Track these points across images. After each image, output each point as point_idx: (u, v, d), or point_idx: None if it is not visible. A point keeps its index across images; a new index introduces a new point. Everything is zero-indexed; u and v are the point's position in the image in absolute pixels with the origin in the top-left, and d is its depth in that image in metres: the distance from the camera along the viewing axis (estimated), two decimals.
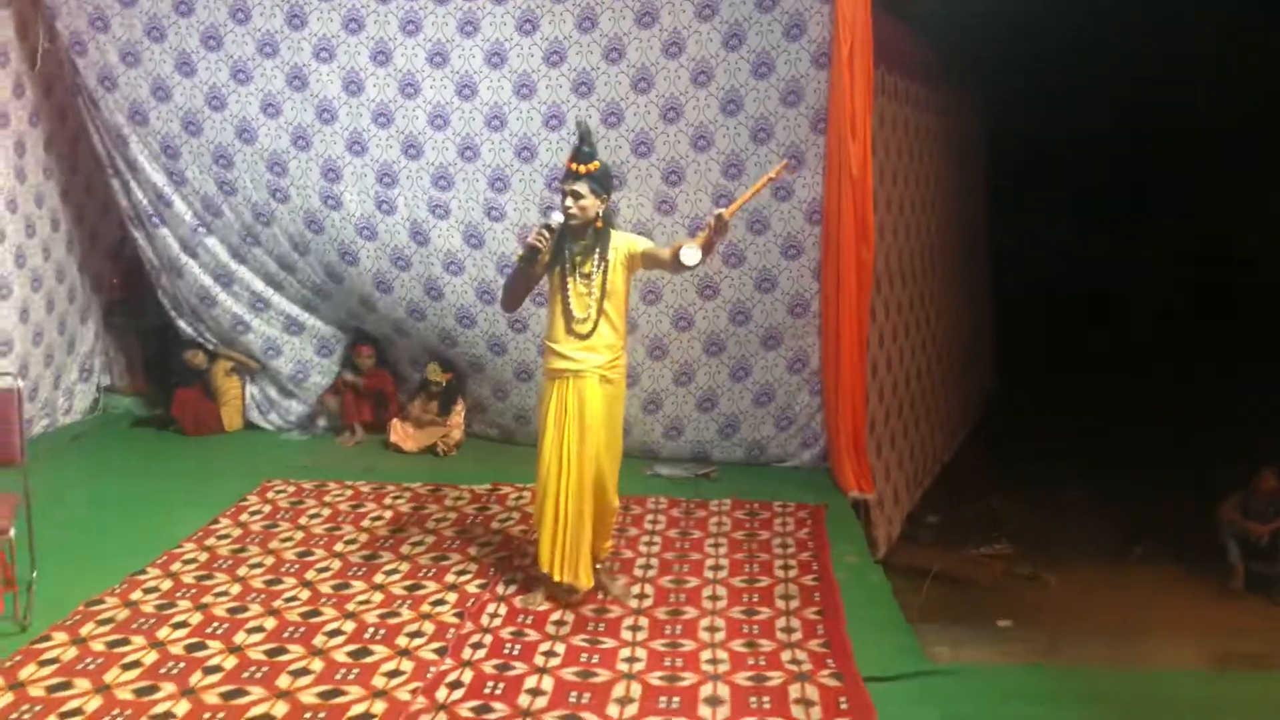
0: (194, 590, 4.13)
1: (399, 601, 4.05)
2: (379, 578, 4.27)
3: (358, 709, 3.30)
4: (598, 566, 4.11)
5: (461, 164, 5.63)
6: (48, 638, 3.71)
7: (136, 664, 3.55)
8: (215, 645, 3.68)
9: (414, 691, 3.40)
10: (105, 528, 4.78)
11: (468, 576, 4.28)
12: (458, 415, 6.03)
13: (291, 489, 5.32)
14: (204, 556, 4.47)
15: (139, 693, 3.38)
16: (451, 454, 5.94)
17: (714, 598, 4.14)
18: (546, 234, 3.73)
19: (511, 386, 6.01)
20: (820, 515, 4.98)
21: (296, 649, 3.67)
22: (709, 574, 4.36)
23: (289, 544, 4.62)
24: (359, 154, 5.69)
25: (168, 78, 5.68)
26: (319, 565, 4.39)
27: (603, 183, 3.82)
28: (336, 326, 6.36)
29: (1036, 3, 6.65)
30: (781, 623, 3.91)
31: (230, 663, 3.57)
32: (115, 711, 3.26)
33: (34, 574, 3.89)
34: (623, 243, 3.91)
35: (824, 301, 5.39)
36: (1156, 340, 9.66)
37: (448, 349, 6.06)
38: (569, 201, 3.78)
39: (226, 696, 3.36)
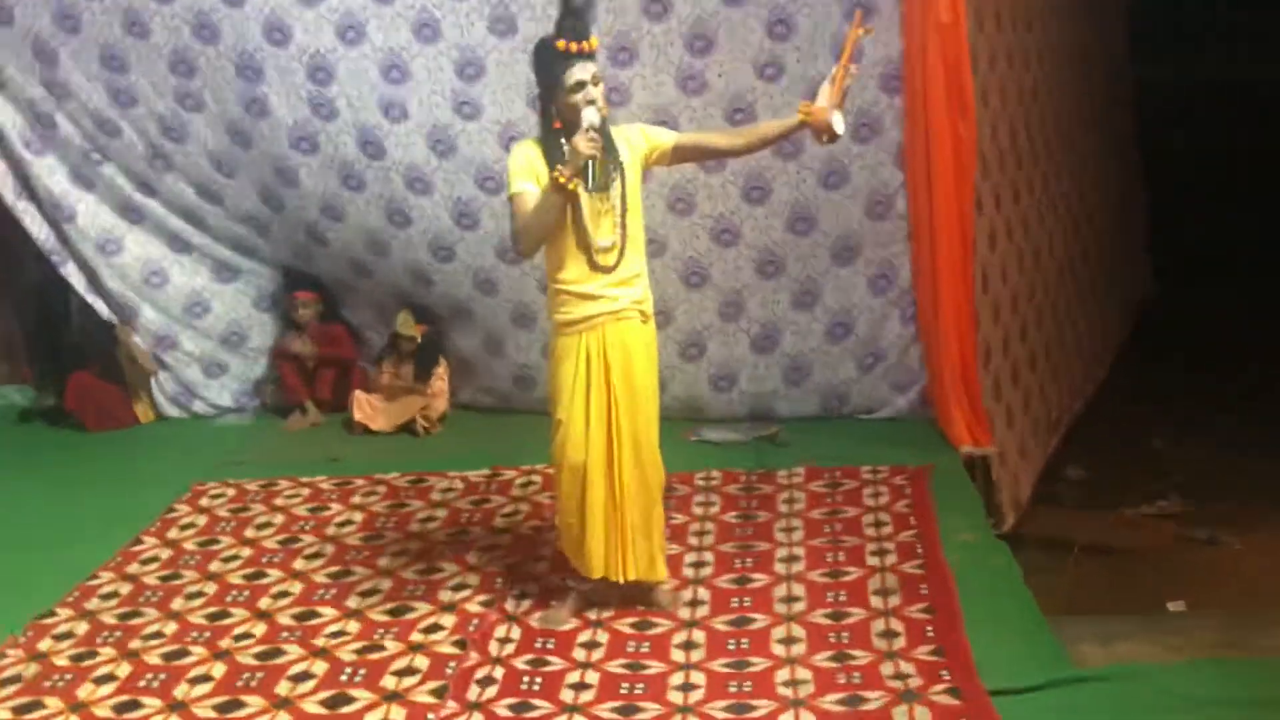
0: (118, 633, 4.24)
1: (381, 631, 4.14)
2: (354, 601, 4.37)
3: None
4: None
5: (419, 46, 5.66)
6: None
7: None
8: (152, 703, 3.78)
9: None
10: None
11: (467, 592, 4.38)
12: (440, 380, 6.13)
13: (232, 492, 5.44)
14: (127, 588, 4.59)
15: None
16: (435, 431, 6.06)
17: (789, 599, 4.21)
18: (595, 136, 3.71)
19: (507, 335, 6.11)
20: (923, 480, 5.04)
21: (255, 701, 3.76)
22: (780, 568, 4.43)
23: (234, 564, 4.74)
24: (280, 43, 5.73)
25: None
26: (275, 590, 4.51)
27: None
28: (280, 270, 6.53)
29: None
30: (879, 626, 3.97)
31: None
32: None
33: None
34: (637, 137, 3.95)
35: (911, 196, 5.41)
36: None
37: (422, 292, 6.16)
38: (594, 92, 3.76)
39: None
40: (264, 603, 4.40)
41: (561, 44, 3.78)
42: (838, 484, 5.09)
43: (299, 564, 4.71)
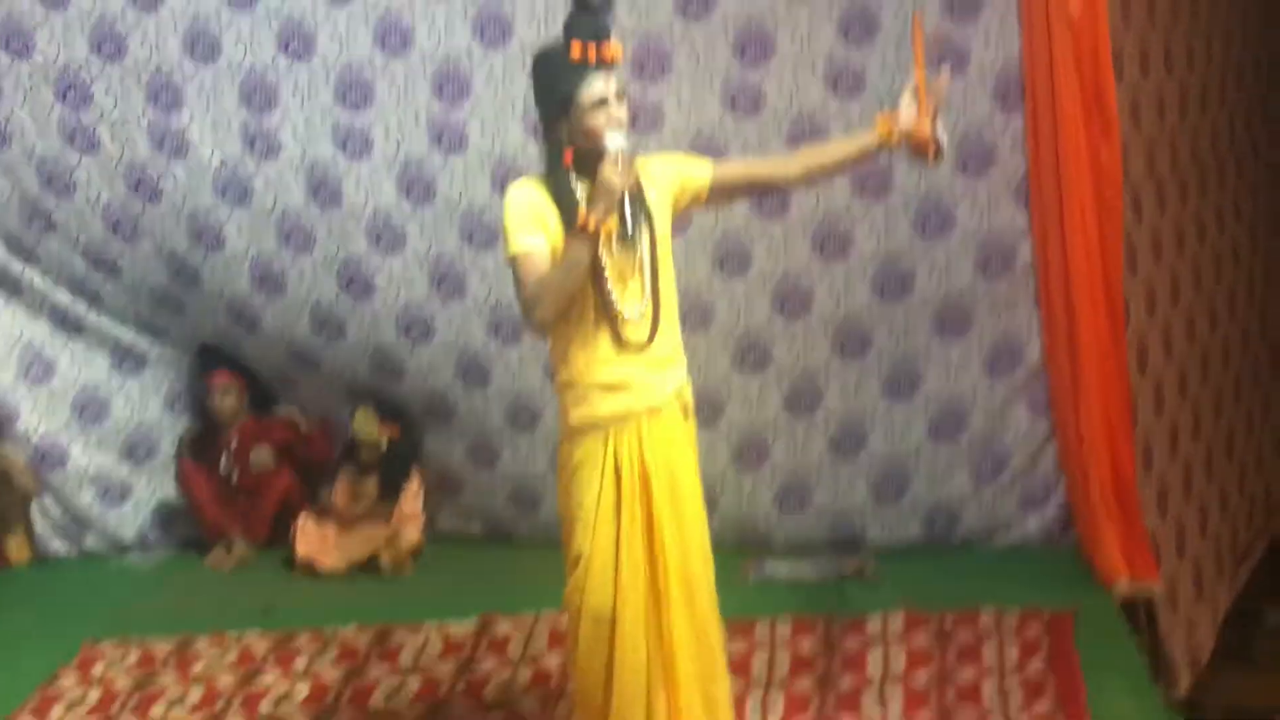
0: None
1: None
2: None
3: None
4: None
5: (384, 59, 5.74)
6: None
7: None
8: None
9: None
10: None
11: None
12: (412, 499, 6.14)
13: (134, 656, 5.42)
14: None
15: None
16: (405, 570, 6.06)
17: None
18: (624, 164, 3.62)
19: (502, 439, 6.13)
20: (1065, 631, 4.95)
21: None
22: None
23: None
24: (207, 60, 5.83)
25: None
26: None
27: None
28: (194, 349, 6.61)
29: None
30: None
31: None
32: None
33: None
34: (664, 171, 3.89)
35: (1040, 244, 5.39)
36: None
37: (389, 383, 6.20)
38: (619, 110, 3.69)
39: None
40: None
41: (576, 50, 3.74)
42: (948, 636, 5.01)
43: None
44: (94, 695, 5.11)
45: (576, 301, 3.75)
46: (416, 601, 5.68)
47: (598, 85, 3.63)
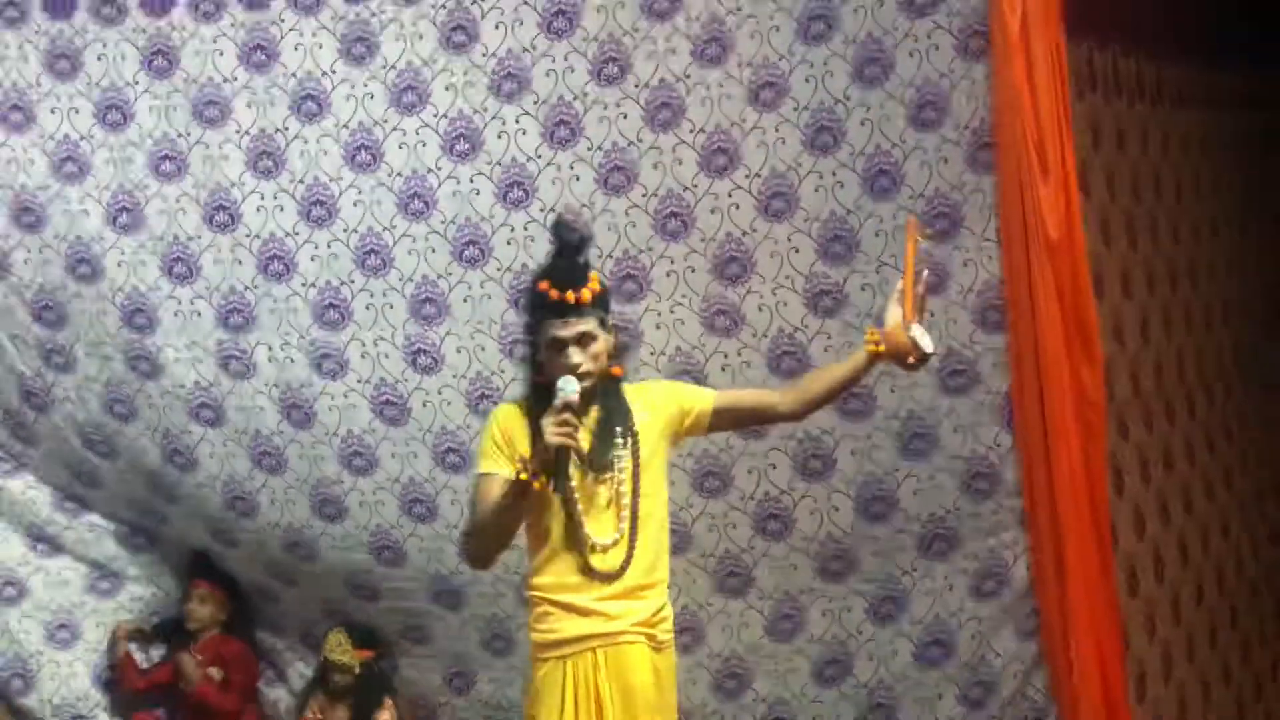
0: None
1: None
2: None
3: None
4: None
5: (363, 278, 5.81)
6: None
7: None
8: None
9: None
10: None
11: None
12: None
13: None
14: None
15: None
16: None
17: None
18: (574, 422, 3.68)
19: (478, 664, 6.07)
20: None
21: None
22: None
23: None
24: (183, 280, 5.92)
25: None
26: None
27: (606, 302, 3.92)
28: (175, 577, 6.55)
29: None
30: None
31: None
32: None
33: None
34: (663, 398, 3.97)
35: (1024, 465, 5.36)
36: None
37: (363, 606, 6.16)
38: (575, 356, 3.77)
39: None
40: None
41: (543, 286, 3.80)
42: None
43: None
44: None
45: (551, 518, 3.81)
46: None
47: (554, 328, 3.76)
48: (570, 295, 3.77)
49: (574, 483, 3.77)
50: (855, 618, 5.67)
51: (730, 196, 5.50)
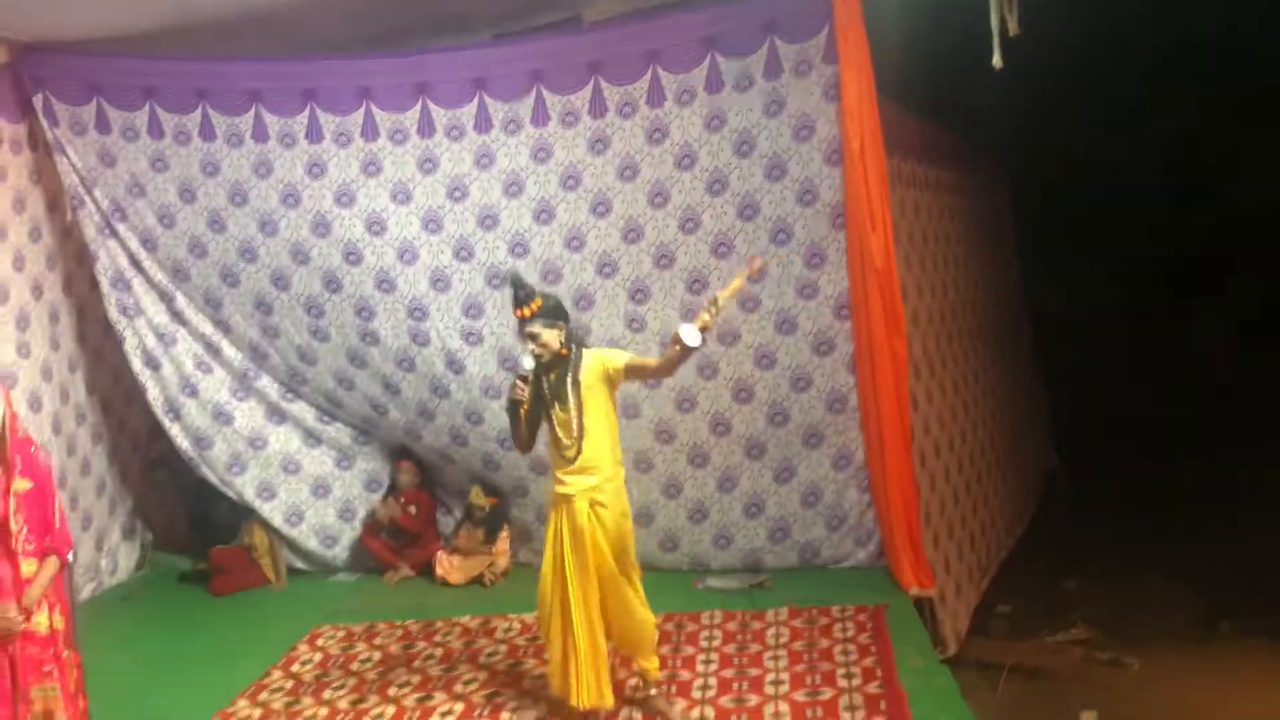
0: None
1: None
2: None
3: None
4: (652, 692, 4.13)
5: (489, 292, 5.78)
6: None
7: None
8: None
9: None
10: (157, 688, 4.83)
11: (524, 713, 4.27)
12: (503, 542, 6.05)
13: (341, 634, 5.36)
14: (258, 713, 4.50)
15: None
16: (498, 583, 5.95)
17: (776, 715, 4.08)
18: (521, 383, 3.91)
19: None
20: (881, 617, 4.92)
21: None
22: (770, 689, 4.31)
23: (342, 692, 4.65)
24: (388, 291, 5.85)
25: (201, 235, 5.95)
26: (373, 713, 4.41)
27: (553, 314, 3.96)
28: (384, 459, 6.51)
29: (1053, 85, 6.81)
30: None
31: None
32: None
33: None
34: (596, 361, 4.01)
35: (861, 395, 5.40)
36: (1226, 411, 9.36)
37: (491, 473, 6.13)
38: (530, 345, 3.92)
39: None
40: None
41: (517, 313, 3.98)
42: (814, 621, 4.97)
43: (392, 692, 4.61)
44: (316, 657, 5.09)
45: (549, 433, 4.02)
46: (505, 603, 5.60)
47: (522, 329, 3.93)
48: (523, 312, 3.93)
49: (554, 410, 3.95)
50: (766, 481, 5.68)
51: (693, 247, 5.51)
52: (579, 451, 3.93)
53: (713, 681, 4.43)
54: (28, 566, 3.58)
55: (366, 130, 5.68)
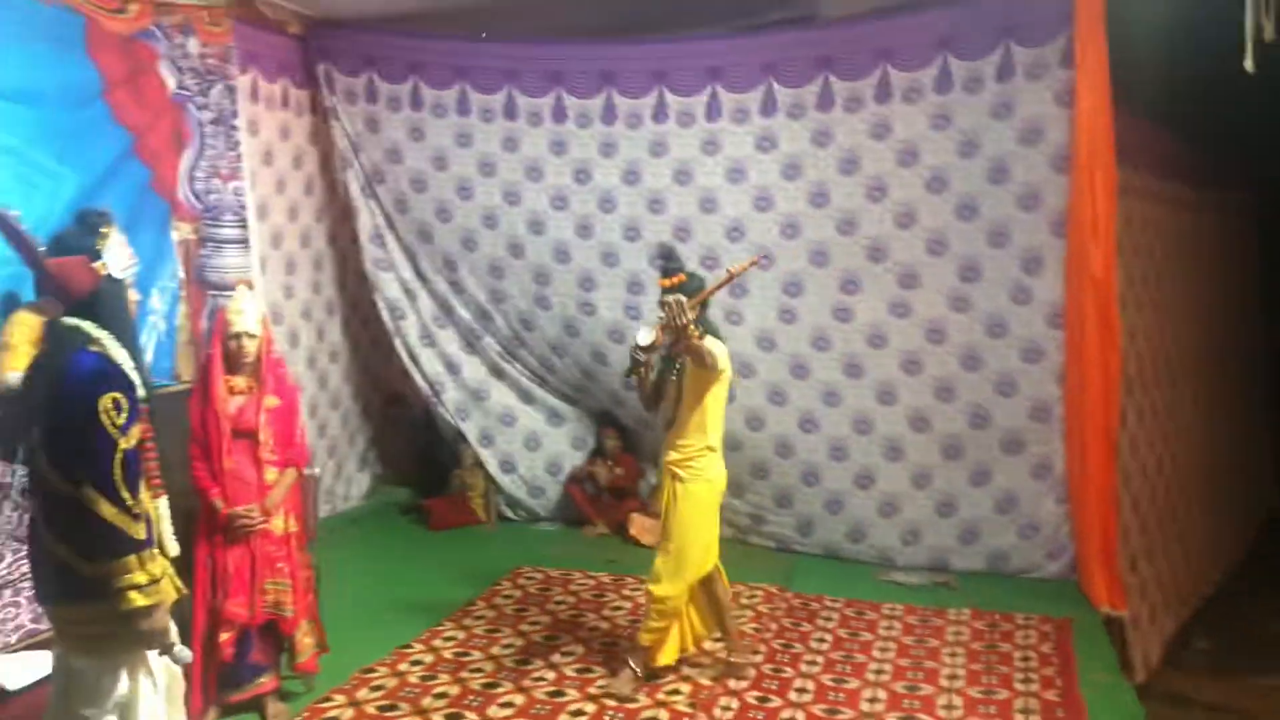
0: (453, 665, 4.55)
1: (635, 689, 4.26)
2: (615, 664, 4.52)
3: None
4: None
5: (703, 271, 5.94)
6: (329, 699, 4.21)
7: None
8: (471, 717, 4.05)
9: None
10: (377, 603, 5.32)
11: (701, 669, 4.46)
12: None
13: (540, 577, 5.70)
14: (462, 635, 4.90)
15: None
16: None
17: (949, 707, 4.10)
18: (640, 350, 4.00)
19: (747, 484, 6.10)
20: (1067, 630, 4.83)
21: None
22: (944, 682, 4.32)
23: (537, 628, 4.98)
24: (612, 265, 6.17)
25: (449, 202, 6.45)
26: (564, 649, 4.71)
27: (690, 292, 4.03)
28: (591, 421, 6.79)
29: None
30: None
31: None
32: None
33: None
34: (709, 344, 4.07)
35: (1068, 407, 5.29)
36: None
37: None
38: (661, 313, 4.01)
39: None
40: (555, 658, 4.61)
41: (661, 282, 4.10)
42: (996, 625, 4.93)
43: (582, 634, 4.90)
44: (517, 594, 5.42)
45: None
46: None
47: (663, 297, 3.98)
48: (664, 282, 4.06)
49: (666, 382, 4.13)
50: (960, 481, 5.64)
51: (908, 242, 5.52)
52: (672, 425, 4.15)
53: (887, 668, 4.48)
54: (271, 474, 3.98)
55: (606, 114, 6.00)
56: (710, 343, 3.98)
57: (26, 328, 4.45)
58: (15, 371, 4.31)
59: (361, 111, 6.49)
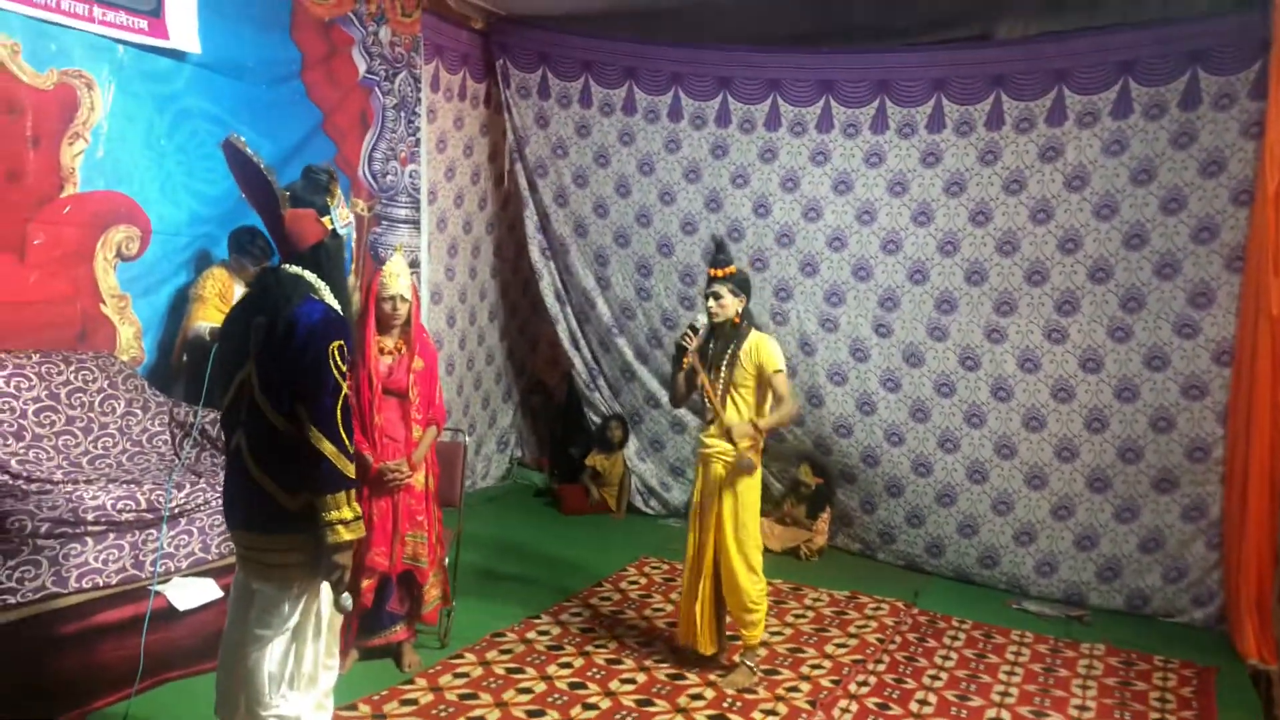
0: (578, 639, 4.66)
1: (756, 681, 4.30)
2: (738, 658, 4.54)
3: None
4: (736, 658, 4.34)
5: (854, 283, 5.99)
6: (460, 655, 4.38)
7: (529, 690, 4.09)
8: (594, 688, 4.15)
9: None
10: (509, 576, 5.50)
11: (821, 671, 4.45)
12: (823, 522, 6.20)
13: (664, 567, 5.78)
14: (588, 612, 5.02)
15: (530, 714, 3.89)
16: (814, 559, 6.10)
17: None
18: (691, 333, 4.09)
19: (880, 500, 6.11)
20: (1209, 679, 4.61)
21: (663, 704, 4.04)
22: (1073, 712, 4.19)
23: (660, 613, 5.05)
24: (759, 270, 6.20)
25: (607, 198, 6.63)
26: None
27: (740, 285, 4.12)
28: None
29: None
30: None
31: (605, 704, 4.01)
32: None
33: (453, 602, 4.59)
34: (759, 344, 4.11)
35: (1230, 448, 5.08)
36: None
37: (821, 456, 6.30)
38: (710, 302, 4.10)
39: None
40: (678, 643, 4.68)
41: (710, 270, 4.15)
42: (1132, 664, 4.74)
43: None
44: (642, 580, 5.51)
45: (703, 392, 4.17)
46: (817, 577, 5.76)
47: (707, 288, 4.12)
48: (715, 272, 4.11)
49: (710, 374, 4.13)
50: (1105, 517, 5.47)
51: (1069, 269, 5.42)
52: (719, 417, 4.13)
53: (1014, 692, 4.37)
54: (416, 432, 4.15)
55: (770, 120, 6.07)
56: (761, 340, 4.11)
57: (218, 282, 4.82)
58: (205, 322, 4.67)
59: (533, 105, 6.74)
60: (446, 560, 4.45)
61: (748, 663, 4.30)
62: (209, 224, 5.06)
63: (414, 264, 6.34)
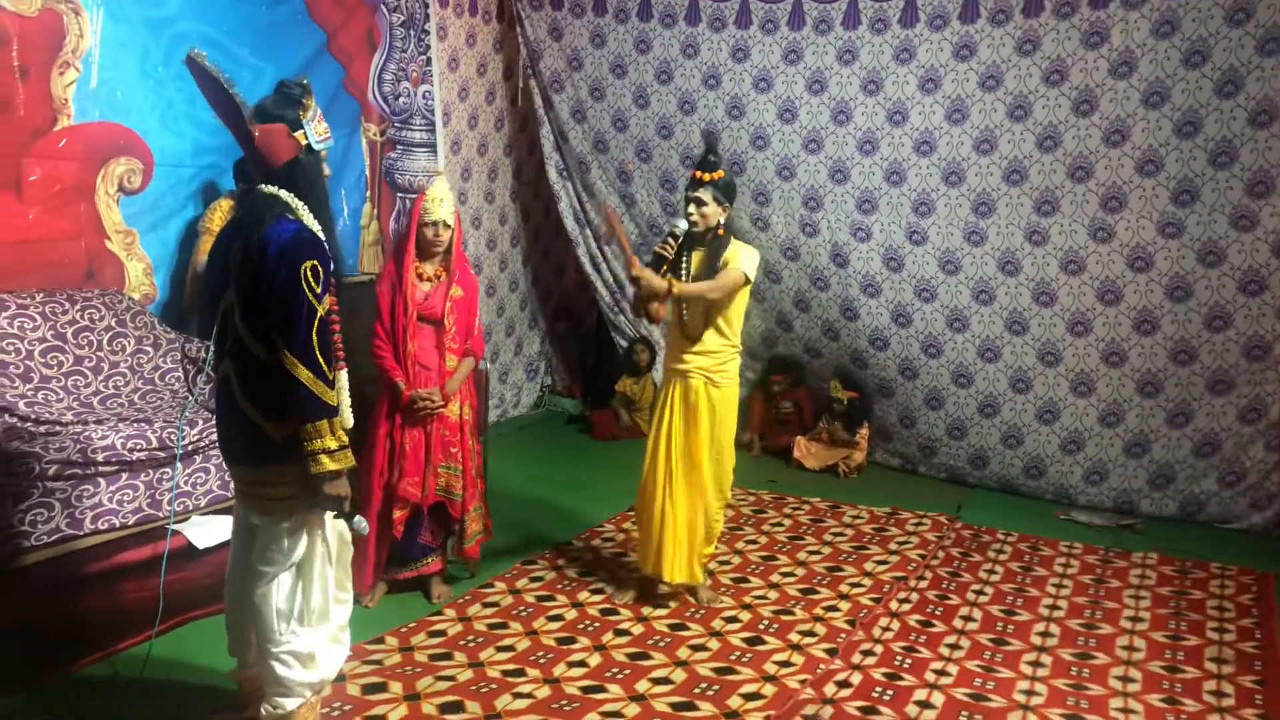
0: (610, 564, 4.57)
1: (793, 602, 4.19)
2: (775, 578, 4.45)
3: (748, 688, 3.47)
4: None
5: (886, 188, 5.73)
6: (490, 585, 4.30)
7: (559, 618, 4.00)
8: (625, 613, 4.06)
9: (802, 682, 3.50)
10: (540, 503, 5.40)
11: (861, 590, 4.32)
12: (861, 439, 6.05)
13: None
14: (620, 537, 4.92)
15: (560, 641, 3.80)
16: (852, 476, 5.97)
17: (1130, 648, 3.82)
18: (671, 241, 3.84)
19: (920, 413, 5.94)
20: (1269, 584, 4.42)
21: (696, 628, 3.94)
22: (1126, 624, 4.03)
23: None
24: (787, 179, 5.96)
25: (626, 110, 6.37)
26: (721, 559, 4.66)
27: (725, 191, 3.87)
28: (760, 340, 6.56)
29: None
30: (1210, 685, 3.53)
31: (638, 629, 3.92)
32: (540, 653, 3.70)
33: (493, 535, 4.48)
34: (739, 252, 3.88)
35: None
36: None
37: (858, 370, 6.13)
38: (691, 208, 3.85)
39: (633, 657, 3.70)
40: (712, 566, 4.53)
41: (696, 173, 3.87)
42: (1187, 572, 4.57)
43: (740, 545, 4.84)
44: None
45: (675, 306, 3.93)
46: (857, 494, 5.64)
47: (689, 191, 3.85)
48: (702, 175, 3.83)
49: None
50: (1157, 422, 5.25)
51: (1116, 161, 5.11)
52: (701, 331, 3.91)
53: (1063, 604, 4.22)
54: (451, 361, 4.03)
55: (794, 19, 5.77)
56: (739, 248, 3.89)
57: (225, 214, 4.67)
58: None
59: (545, 17, 6.46)
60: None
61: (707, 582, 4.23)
62: (214, 154, 4.89)
63: None
